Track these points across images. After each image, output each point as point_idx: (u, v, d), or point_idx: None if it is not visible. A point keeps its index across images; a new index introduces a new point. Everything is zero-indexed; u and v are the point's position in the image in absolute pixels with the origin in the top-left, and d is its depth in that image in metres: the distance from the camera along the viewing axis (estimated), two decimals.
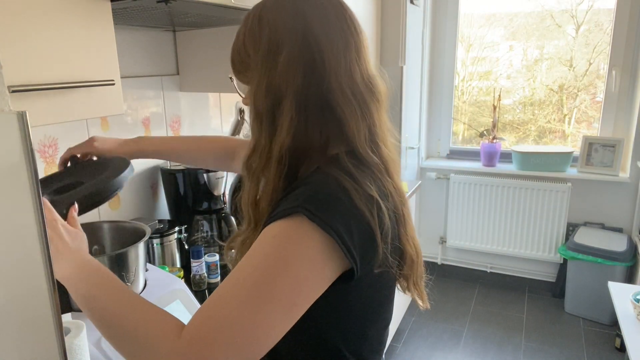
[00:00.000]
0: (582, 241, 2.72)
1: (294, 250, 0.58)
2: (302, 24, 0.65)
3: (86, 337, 0.87)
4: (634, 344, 1.54)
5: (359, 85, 0.67)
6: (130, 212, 1.55)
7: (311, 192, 0.62)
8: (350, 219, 0.60)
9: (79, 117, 0.91)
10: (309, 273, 0.59)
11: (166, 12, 1.16)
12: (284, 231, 0.59)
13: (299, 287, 0.58)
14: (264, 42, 0.66)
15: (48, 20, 0.82)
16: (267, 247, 0.59)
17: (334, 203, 0.61)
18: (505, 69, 3.21)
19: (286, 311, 0.58)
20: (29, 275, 0.47)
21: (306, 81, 0.65)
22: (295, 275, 0.58)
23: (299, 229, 0.59)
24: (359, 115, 0.67)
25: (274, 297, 0.57)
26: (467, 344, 2.58)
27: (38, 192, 0.46)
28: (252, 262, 0.59)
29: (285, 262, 0.58)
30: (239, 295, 0.57)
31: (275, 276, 0.57)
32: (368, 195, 0.63)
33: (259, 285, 0.57)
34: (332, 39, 0.65)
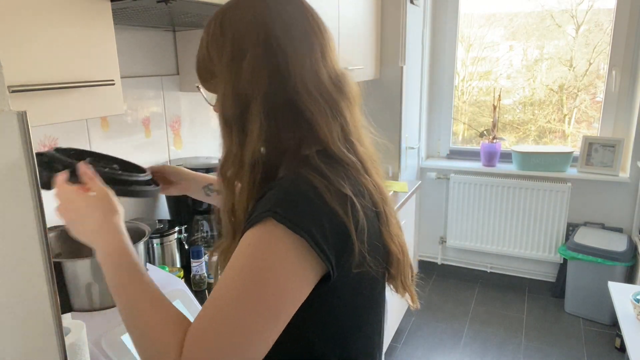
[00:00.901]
0: (582, 241, 2.72)
1: (269, 257, 0.58)
2: (264, 28, 0.64)
3: (86, 337, 0.87)
4: (634, 344, 1.54)
5: (326, 85, 0.66)
6: (130, 212, 1.55)
7: (279, 194, 0.61)
8: (322, 218, 0.59)
9: (79, 117, 0.91)
10: (288, 277, 0.58)
11: (166, 12, 1.16)
12: (257, 238, 0.59)
13: (281, 292, 0.58)
14: (227, 48, 0.65)
15: (48, 20, 0.82)
16: (244, 258, 0.59)
17: (303, 203, 0.60)
18: (505, 69, 3.21)
19: (273, 318, 0.58)
20: (29, 275, 0.47)
21: (272, 85, 0.64)
22: (275, 282, 0.58)
23: (270, 234, 0.58)
24: (329, 115, 0.66)
25: (259, 308, 0.57)
26: (467, 344, 2.58)
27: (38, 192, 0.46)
28: (232, 275, 0.59)
29: (263, 270, 0.58)
30: (225, 311, 0.57)
31: (256, 286, 0.57)
32: (341, 193, 0.62)
33: (242, 299, 0.57)
34: (294, 41, 0.65)
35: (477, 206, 3.15)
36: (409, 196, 2.43)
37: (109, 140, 1.45)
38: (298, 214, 0.58)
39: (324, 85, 0.66)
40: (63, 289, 0.99)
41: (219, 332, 0.56)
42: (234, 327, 0.56)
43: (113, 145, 1.46)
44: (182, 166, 1.56)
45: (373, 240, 0.67)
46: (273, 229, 0.58)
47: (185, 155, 1.76)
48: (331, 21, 1.95)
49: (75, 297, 1.01)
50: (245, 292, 0.57)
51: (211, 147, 1.90)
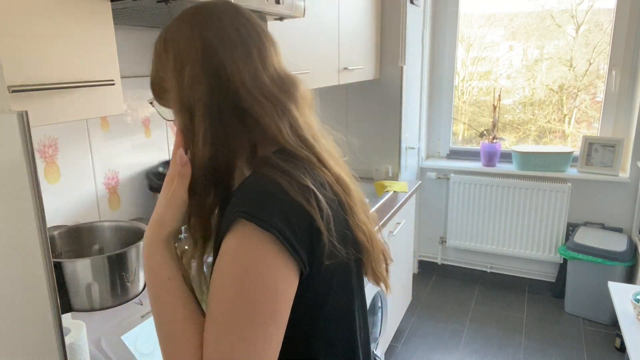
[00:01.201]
0: (582, 241, 2.72)
1: (248, 260, 0.59)
2: (200, 39, 0.67)
3: (86, 337, 0.88)
4: (634, 344, 1.54)
5: (268, 88, 0.69)
6: (130, 212, 1.55)
7: (244, 194, 0.63)
8: (288, 212, 0.61)
9: (79, 117, 0.91)
10: (271, 274, 0.59)
11: (166, 12, 1.16)
12: (232, 245, 0.60)
13: (270, 292, 0.59)
14: (170, 63, 0.69)
15: (48, 20, 0.82)
16: (226, 267, 0.60)
17: (268, 199, 0.61)
18: (505, 69, 3.21)
19: (272, 320, 0.59)
20: (29, 275, 0.47)
21: (213, 92, 0.66)
22: (261, 283, 0.59)
23: (243, 235, 0.60)
24: (275, 114, 0.68)
25: (256, 315, 0.58)
26: (467, 344, 2.58)
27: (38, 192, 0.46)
28: (220, 290, 0.60)
29: (247, 276, 0.59)
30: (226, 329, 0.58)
31: (245, 294, 0.58)
32: (303, 186, 0.63)
33: (236, 311, 0.58)
34: (231, 49, 0.67)
35: (477, 206, 3.15)
36: (409, 196, 2.43)
37: (109, 140, 1.45)
38: (265, 210, 0.60)
39: (266, 87, 0.69)
40: (63, 289, 0.99)
41: (227, 351, 0.58)
42: (240, 342, 0.58)
43: (113, 145, 1.46)
44: None
45: (340, 229, 0.68)
46: (245, 229, 0.60)
47: None
48: (331, 21, 1.96)
49: (75, 297, 1.01)
50: (238, 303, 0.58)
51: None
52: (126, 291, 1.05)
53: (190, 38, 0.68)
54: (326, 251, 0.64)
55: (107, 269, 1.01)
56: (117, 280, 1.03)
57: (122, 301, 1.04)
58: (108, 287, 1.02)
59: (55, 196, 1.29)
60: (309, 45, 1.77)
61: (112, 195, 1.48)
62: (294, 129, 0.70)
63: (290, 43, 1.63)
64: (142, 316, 1.03)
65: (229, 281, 0.59)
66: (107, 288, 1.02)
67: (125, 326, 0.99)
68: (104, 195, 1.45)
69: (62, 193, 1.31)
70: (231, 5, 0.72)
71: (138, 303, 1.06)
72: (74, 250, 1.16)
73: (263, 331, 0.58)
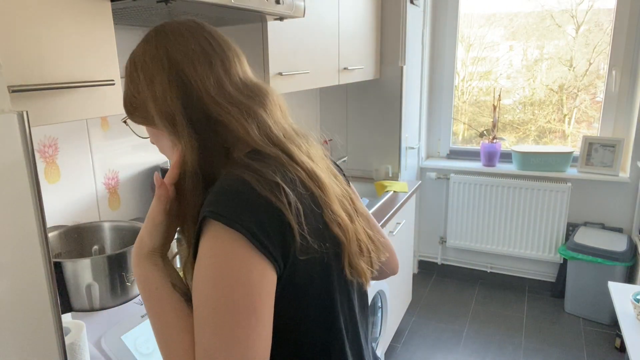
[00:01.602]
0: (582, 241, 2.72)
1: (220, 260, 0.61)
2: (165, 55, 0.72)
3: (86, 337, 0.88)
4: (634, 344, 1.54)
5: (233, 95, 0.72)
6: (130, 212, 1.55)
7: (213, 194, 0.65)
8: (256, 209, 0.63)
9: (79, 117, 0.91)
10: (245, 271, 0.61)
11: (166, 12, 1.16)
12: (205, 245, 0.63)
13: (247, 289, 0.60)
14: (142, 79, 0.73)
15: (48, 20, 0.82)
16: (202, 269, 0.62)
17: (235, 197, 0.63)
18: (505, 69, 3.21)
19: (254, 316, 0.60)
20: (29, 275, 0.47)
21: (183, 102, 0.70)
22: (237, 281, 0.60)
23: (213, 236, 0.62)
24: (242, 117, 0.71)
25: (237, 313, 0.59)
26: (467, 344, 2.58)
27: (38, 192, 0.46)
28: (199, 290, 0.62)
29: (221, 276, 0.60)
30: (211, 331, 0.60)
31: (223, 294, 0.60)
32: (271, 182, 0.65)
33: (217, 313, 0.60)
34: (193, 62, 0.72)
35: (477, 206, 3.15)
36: (409, 196, 2.43)
37: (108, 140, 1.45)
38: (233, 209, 0.62)
39: (230, 94, 0.72)
40: (63, 289, 0.99)
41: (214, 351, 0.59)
42: (225, 342, 0.59)
43: (113, 145, 1.46)
44: None
45: (314, 224, 0.69)
46: (214, 230, 0.62)
47: None
48: (331, 21, 1.96)
49: (75, 297, 1.01)
50: (217, 304, 0.60)
51: None
52: (126, 291, 1.06)
53: (156, 54, 0.72)
54: (299, 246, 0.65)
55: (107, 269, 1.01)
56: (117, 280, 1.03)
57: (122, 301, 1.04)
58: (108, 287, 1.02)
59: (55, 196, 1.29)
60: (309, 45, 1.77)
61: (112, 195, 1.48)
62: (262, 130, 0.72)
63: (290, 43, 1.63)
64: (142, 316, 1.03)
65: (206, 283, 0.61)
66: (107, 288, 1.02)
67: (125, 326, 0.99)
68: (104, 195, 1.45)
69: (62, 193, 1.31)
70: (194, 22, 0.76)
71: (138, 303, 1.06)
72: (74, 250, 1.16)
73: (246, 330, 0.59)
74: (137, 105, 0.75)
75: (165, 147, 0.78)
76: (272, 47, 1.51)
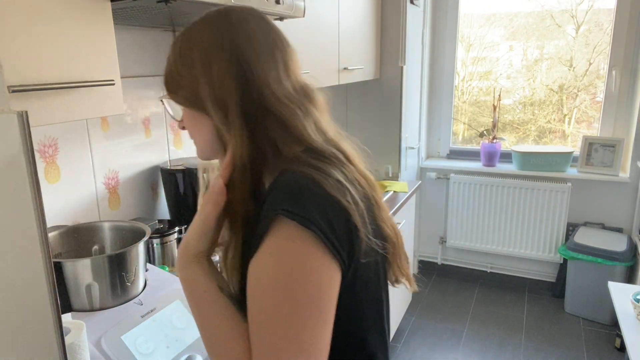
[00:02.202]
0: (582, 241, 2.72)
1: (291, 260, 0.59)
2: (228, 40, 0.68)
3: (86, 337, 0.88)
4: (634, 344, 1.54)
5: (291, 92, 0.70)
6: (130, 212, 1.55)
7: (282, 192, 0.62)
8: (326, 208, 0.61)
9: (79, 117, 0.91)
10: (315, 274, 0.59)
11: (166, 12, 1.16)
12: (273, 243, 0.60)
13: (315, 292, 0.59)
14: (197, 61, 0.69)
15: (48, 20, 0.82)
16: (269, 268, 0.60)
17: (306, 195, 0.61)
18: (505, 69, 3.21)
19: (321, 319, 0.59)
20: (29, 275, 0.47)
21: (241, 91, 0.67)
22: (305, 283, 0.58)
23: (284, 234, 0.59)
24: (300, 115, 0.69)
25: (302, 312, 0.57)
26: (467, 344, 2.58)
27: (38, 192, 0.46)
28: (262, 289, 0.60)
29: (288, 275, 0.58)
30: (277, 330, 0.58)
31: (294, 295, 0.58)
32: (337, 182, 0.64)
33: (286, 312, 0.58)
34: (257, 52, 0.69)
35: (477, 206, 3.15)
36: (409, 196, 2.43)
37: (109, 141, 1.45)
38: (305, 207, 0.59)
39: (289, 92, 0.70)
40: (63, 289, 0.99)
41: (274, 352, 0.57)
42: (286, 343, 0.57)
43: (113, 145, 1.46)
44: (181, 166, 1.57)
45: (371, 225, 0.68)
46: (286, 228, 0.59)
47: (185, 155, 1.76)
48: (331, 21, 1.96)
49: (75, 297, 1.01)
50: (283, 304, 0.58)
51: None
52: (126, 291, 1.05)
53: (217, 37, 0.68)
54: (363, 248, 0.64)
55: (107, 269, 1.01)
56: (117, 280, 1.03)
57: (122, 301, 1.05)
58: (108, 287, 1.02)
59: (55, 196, 1.29)
60: (309, 45, 1.77)
61: (112, 195, 1.48)
62: (319, 129, 0.70)
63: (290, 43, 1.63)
64: (142, 316, 1.03)
65: (272, 282, 0.59)
66: (107, 288, 1.02)
67: (125, 326, 0.99)
68: (104, 195, 1.45)
69: (62, 193, 1.31)
70: (258, 12, 0.73)
71: (138, 303, 1.06)
72: (74, 250, 1.16)
73: (312, 332, 0.58)
74: (183, 86, 0.71)
75: (199, 133, 0.74)
76: None
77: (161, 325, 1.03)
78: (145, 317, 1.03)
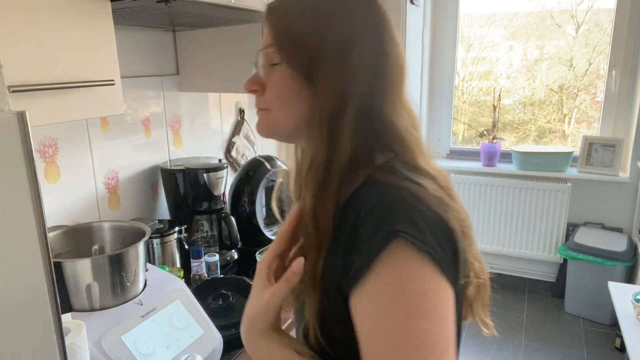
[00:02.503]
0: (582, 241, 2.72)
1: (418, 288, 0.52)
2: (377, 29, 0.60)
3: (86, 337, 0.87)
4: (634, 344, 1.54)
5: (404, 104, 0.65)
6: (130, 212, 1.55)
7: (388, 209, 0.54)
8: (437, 231, 0.54)
9: (79, 117, 0.91)
10: (442, 302, 0.53)
11: (166, 12, 1.16)
12: (395, 273, 0.52)
13: (443, 324, 0.52)
14: (334, 35, 0.59)
15: (48, 20, 0.82)
16: (393, 301, 0.52)
17: (417, 215, 0.53)
18: (505, 69, 3.21)
19: (448, 350, 0.52)
20: (29, 275, 0.47)
21: (369, 87, 0.60)
22: (435, 316, 0.51)
23: (402, 261, 0.52)
24: (409, 127, 0.63)
25: (431, 347, 0.50)
26: (468, 344, 2.58)
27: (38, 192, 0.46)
28: (382, 325, 0.52)
29: (415, 305, 0.51)
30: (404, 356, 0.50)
31: (418, 324, 0.50)
32: (439, 199, 0.56)
33: (411, 343, 0.50)
34: (397, 50, 0.63)
35: (477, 206, 3.15)
36: None
37: (109, 141, 1.45)
38: (418, 229, 0.52)
39: (404, 101, 0.64)
40: (63, 289, 0.99)
41: None
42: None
43: (113, 145, 1.46)
44: (181, 166, 1.57)
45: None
46: (403, 253, 0.51)
47: (185, 155, 1.76)
48: None
49: (75, 297, 1.01)
50: (413, 340, 0.50)
51: (211, 147, 1.90)
52: (126, 291, 1.05)
53: (369, 20, 0.60)
54: (462, 271, 0.57)
55: (107, 269, 1.01)
56: (117, 280, 1.03)
57: (122, 301, 1.04)
58: (108, 287, 1.02)
59: (55, 196, 1.29)
60: None
61: (112, 195, 1.48)
62: (420, 148, 0.63)
63: None
64: (142, 316, 1.03)
65: (397, 318, 0.51)
66: (107, 288, 1.02)
67: (125, 326, 0.98)
68: (104, 195, 1.45)
69: (62, 193, 1.31)
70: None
71: (138, 303, 1.06)
72: (74, 250, 1.15)
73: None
74: (303, 52, 0.59)
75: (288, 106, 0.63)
76: None
77: (161, 325, 1.03)
78: (145, 317, 1.03)
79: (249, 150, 2.11)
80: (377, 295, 0.52)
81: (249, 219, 1.68)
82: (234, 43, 1.54)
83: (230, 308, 1.25)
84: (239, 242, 1.61)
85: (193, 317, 1.09)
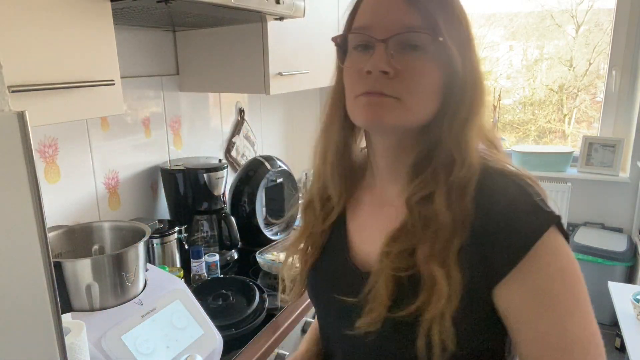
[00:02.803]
0: (582, 241, 2.72)
1: (577, 270, 0.61)
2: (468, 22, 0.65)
3: (86, 337, 0.87)
4: (634, 344, 1.54)
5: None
6: (130, 212, 1.55)
7: (535, 196, 0.60)
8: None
9: (79, 117, 0.91)
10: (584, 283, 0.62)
11: (166, 12, 1.16)
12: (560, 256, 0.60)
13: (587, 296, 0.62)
14: (463, 25, 0.63)
15: (48, 20, 0.82)
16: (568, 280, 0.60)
17: (544, 204, 0.61)
18: (505, 69, 3.21)
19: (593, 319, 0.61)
20: (29, 275, 0.47)
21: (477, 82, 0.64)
22: (584, 288, 0.61)
23: (563, 246, 0.61)
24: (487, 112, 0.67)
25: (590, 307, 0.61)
26: None
27: (38, 192, 0.46)
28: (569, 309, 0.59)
29: (580, 278, 0.61)
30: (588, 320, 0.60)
31: (585, 291, 0.61)
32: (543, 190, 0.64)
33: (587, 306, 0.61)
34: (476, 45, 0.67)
35: None
36: None
37: (109, 141, 1.45)
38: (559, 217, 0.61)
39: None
40: (63, 289, 0.99)
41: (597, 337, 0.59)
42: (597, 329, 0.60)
43: (113, 145, 1.46)
44: (181, 166, 1.57)
45: None
46: (559, 239, 0.60)
47: (185, 155, 1.76)
48: (331, 21, 1.96)
49: (75, 297, 1.01)
50: (586, 302, 0.61)
51: (211, 147, 1.90)
52: (126, 291, 1.05)
53: (467, 17, 0.65)
54: None
55: (107, 269, 1.01)
56: (117, 280, 1.03)
57: (122, 301, 1.04)
58: (108, 287, 1.02)
59: (55, 196, 1.29)
60: (309, 45, 1.77)
61: (112, 195, 1.48)
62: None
63: (290, 43, 1.63)
64: (142, 316, 1.03)
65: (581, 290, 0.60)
66: (107, 288, 1.02)
67: (125, 326, 0.98)
68: (104, 195, 1.45)
69: (62, 193, 1.31)
70: None
71: (138, 303, 1.06)
72: (74, 250, 1.15)
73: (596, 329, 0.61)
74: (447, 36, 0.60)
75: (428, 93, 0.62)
76: (272, 47, 1.51)
77: (161, 325, 1.03)
78: (145, 317, 1.03)
79: (249, 150, 2.11)
80: (555, 278, 0.58)
81: (249, 219, 1.69)
82: (234, 43, 1.54)
83: (230, 308, 1.26)
84: (238, 242, 1.61)
85: (193, 317, 1.09)
